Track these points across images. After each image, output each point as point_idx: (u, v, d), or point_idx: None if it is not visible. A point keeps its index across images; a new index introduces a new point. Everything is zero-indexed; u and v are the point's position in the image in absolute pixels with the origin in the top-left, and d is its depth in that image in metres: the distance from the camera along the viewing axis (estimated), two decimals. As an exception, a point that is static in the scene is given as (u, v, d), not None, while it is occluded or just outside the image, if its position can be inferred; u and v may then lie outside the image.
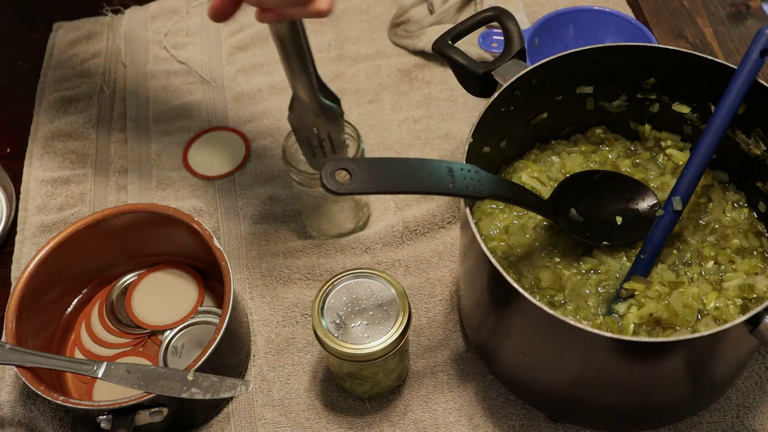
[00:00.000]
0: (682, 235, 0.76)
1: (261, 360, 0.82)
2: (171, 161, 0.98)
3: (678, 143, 0.81)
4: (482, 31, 1.00)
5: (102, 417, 0.70)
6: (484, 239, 0.70)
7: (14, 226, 0.94)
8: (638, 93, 0.79)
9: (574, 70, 0.76)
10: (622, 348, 0.62)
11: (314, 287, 0.86)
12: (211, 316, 0.84)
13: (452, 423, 0.77)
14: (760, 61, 0.69)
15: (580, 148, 0.83)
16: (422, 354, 0.81)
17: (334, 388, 0.80)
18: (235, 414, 0.79)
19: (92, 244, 0.82)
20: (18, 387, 0.80)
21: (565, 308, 0.72)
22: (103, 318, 0.84)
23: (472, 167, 0.65)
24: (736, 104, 0.70)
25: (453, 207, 0.91)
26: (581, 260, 0.75)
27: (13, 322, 0.74)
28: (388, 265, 0.88)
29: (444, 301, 0.85)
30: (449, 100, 1.02)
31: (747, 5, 1.10)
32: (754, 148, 0.74)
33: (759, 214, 0.77)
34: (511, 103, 0.75)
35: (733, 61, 0.92)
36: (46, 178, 0.97)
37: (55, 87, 1.07)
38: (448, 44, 0.78)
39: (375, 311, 0.71)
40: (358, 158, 0.60)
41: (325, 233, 0.90)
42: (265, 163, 0.97)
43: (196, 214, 0.92)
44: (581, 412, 0.74)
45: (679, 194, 0.72)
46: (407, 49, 1.08)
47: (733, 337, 0.62)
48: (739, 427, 0.75)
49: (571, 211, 0.75)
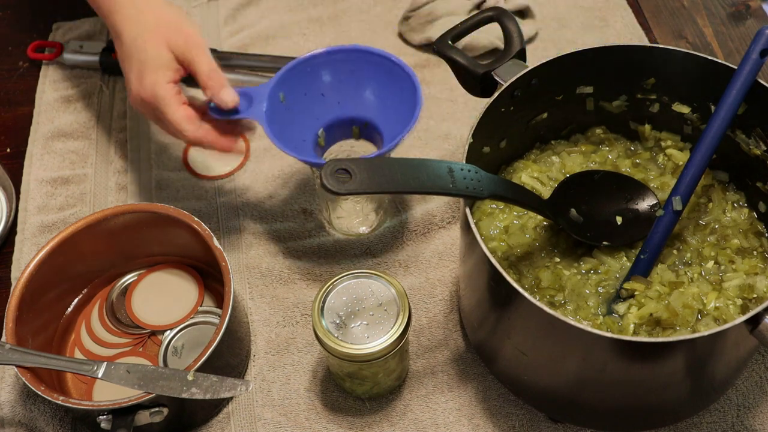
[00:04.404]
0: (682, 235, 0.76)
1: (261, 360, 0.82)
2: (171, 161, 0.98)
3: (678, 143, 0.81)
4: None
5: (102, 417, 0.70)
6: (484, 239, 0.70)
7: (14, 226, 0.94)
8: (638, 93, 0.79)
9: (574, 70, 0.76)
10: (622, 348, 0.62)
11: (314, 287, 0.86)
12: (211, 316, 0.84)
13: (452, 423, 0.77)
14: (760, 61, 0.69)
15: (580, 148, 0.83)
16: (422, 354, 0.81)
17: (334, 388, 0.80)
18: (235, 414, 0.79)
19: (92, 244, 0.82)
20: (18, 387, 0.80)
21: (565, 308, 0.72)
22: (103, 318, 0.84)
23: (472, 167, 0.65)
24: (736, 104, 0.70)
25: (453, 207, 0.91)
26: (581, 260, 0.75)
27: (13, 322, 0.74)
28: (388, 265, 0.88)
29: (444, 301, 0.85)
30: (449, 100, 1.02)
31: (747, 5, 1.10)
32: (754, 148, 0.74)
33: (759, 214, 0.77)
34: (511, 104, 0.75)
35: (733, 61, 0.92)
36: (46, 178, 0.97)
37: (55, 87, 1.07)
38: (448, 44, 0.78)
39: (375, 311, 0.71)
40: (358, 158, 0.60)
41: (345, 231, 0.90)
42: (265, 163, 0.97)
43: (196, 214, 0.92)
44: (581, 412, 0.74)
45: (679, 194, 0.72)
46: (412, 45, 1.07)
47: (733, 337, 0.62)
48: (739, 427, 0.75)
49: (571, 211, 0.75)
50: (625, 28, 1.08)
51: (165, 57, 0.77)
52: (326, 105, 0.86)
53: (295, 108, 0.84)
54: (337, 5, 1.13)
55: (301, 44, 1.09)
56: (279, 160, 0.97)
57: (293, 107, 0.84)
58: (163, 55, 0.77)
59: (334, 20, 1.12)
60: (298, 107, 0.84)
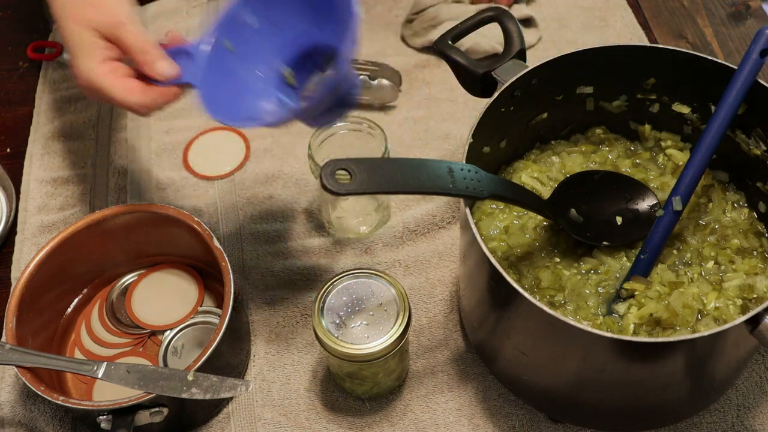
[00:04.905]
0: (682, 235, 0.76)
1: (261, 360, 0.82)
2: (171, 161, 0.98)
3: (678, 143, 0.81)
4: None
5: (102, 417, 0.70)
6: (484, 239, 0.70)
7: (14, 226, 0.94)
8: (638, 93, 0.79)
9: (574, 70, 0.76)
10: (622, 348, 0.62)
11: (314, 287, 0.86)
12: (211, 316, 0.84)
13: (452, 423, 0.77)
14: (760, 61, 0.69)
15: (580, 148, 0.83)
16: (422, 354, 0.81)
17: (334, 388, 0.80)
18: (235, 414, 0.79)
19: (92, 244, 0.82)
20: (18, 387, 0.80)
21: (565, 308, 0.72)
22: (103, 318, 0.84)
23: (472, 167, 0.65)
24: (736, 104, 0.70)
25: (453, 207, 0.91)
26: (581, 260, 0.75)
27: (13, 322, 0.74)
28: (388, 265, 0.88)
29: (444, 301, 0.85)
30: (449, 100, 1.02)
31: (747, 5, 1.10)
32: (754, 148, 0.74)
33: (759, 214, 0.77)
34: (511, 104, 0.75)
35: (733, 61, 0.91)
36: (46, 178, 0.97)
37: (55, 87, 1.07)
38: (448, 44, 0.78)
39: (375, 311, 0.71)
40: (358, 158, 0.60)
41: (345, 231, 0.90)
42: (265, 163, 0.97)
43: (196, 214, 0.92)
44: (581, 412, 0.74)
45: (679, 194, 0.72)
46: (415, 48, 1.07)
47: (733, 337, 0.62)
48: (739, 427, 0.75)
49: (571, 211, 0.75)
50: (625, 28, 1.08)
51: (88, 39, 0.73)
52: (282, 39, 0.76)
53: (248, 54, 0.76)
54: (337, 5, 1.13)
55: (301, 44, 1.09)
56: (279, 160, 0.97)
57: (245, 53, 0.76)
58: (86, 37, 0.73)
59: (334, 20, 1.12)
60: (251, 50, 0.76)
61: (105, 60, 0.73)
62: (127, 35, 0.73)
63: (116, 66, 0.74)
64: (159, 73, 0.73)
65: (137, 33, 0.73)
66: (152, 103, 0.74)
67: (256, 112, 0.73)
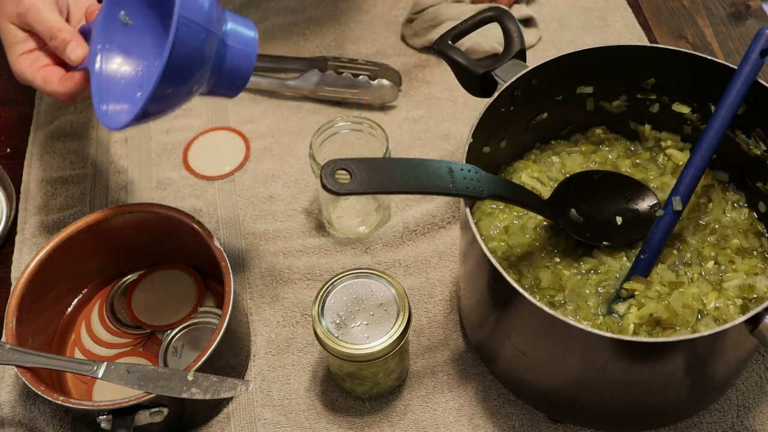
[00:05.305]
0: (682, 235, 0.76)
1: (261, 360, 0.82)
2: (171, 161, 0.98)
3: (678, 143, 0.81)
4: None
5: (102, 417, 0.70)
6: (484, 239, 0.70)
7: (14, 226, 0.94)
8: (638, 93, 0.79)
9: (574, 70, 0.76)
10: (622, 348, 0.62)
11: (314, 287, 0.86)
12: (211, 316, 0.84)
13: (452, 423, 0.77)
14: (760, 61, 0.69)
15: (580, 148, 0.83)
16: (422, 354, 0.81)
17: (334, 388, 0.80)
18: (235, 414, 0.79)
19: (92, 244, 0.81)
20: (18, 387, 0.80)
21: (565, 308, 0.72)
22: (103, 318, 0.84)
23: (472, 167, 0.65)
24: (736, 104, 0.70)
25: (453, 207, 0.91)
26: (581, 260, 0.75)
27: (13, 322, 0.74)
28: (388, 265, 0.88)
29: (444, 301, 0.85)
30: (449, 100, 1.02)
31: (747, 5, 1.10)
32: (754, 148, 0.74)
33: (759, 214, 0.77)
34: (511, 104, 0.75)
35: (733, 61, 0.91)
36: (46, 178, 0.97)
37: (55, 87, 1.07)
38: (448, 44, 0.78)
39: (375, 311, 0.71)
40: (358, 158, 0.60)
41: (345, 231, 0.90)
42: (265, 163, 0.97)
43: (196, 214, 0.92)
44: (581, 412, 0.74)
45: (679, 194, 0.72)
46: (415, 48, 1.07)
47: (733, 337, 0.62)
48: (739, 427, 0.75)
49: (571, 211, 0.75)
50: (625, 28, 1.08)
51: (9, 33, 0.72)
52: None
53: (147, 25, 0.72)
54: (337, 5, 1.13)
55: (301, 44, 1.09)
56: (279, 160, 0.97)
57: (144, 25, 0.71)
58: (9, 32, 0.72)
59: (334, 20, 1.12)
60: (149, 20, 0.72)
61: (23, 53, 0.73)
62: (35, 23, 0.71)
63: (36, 56, 0.73)
64: (69, 58, 0.71)
65: (45, 18, 0.70)
66: (75, 88, 0.72)
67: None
